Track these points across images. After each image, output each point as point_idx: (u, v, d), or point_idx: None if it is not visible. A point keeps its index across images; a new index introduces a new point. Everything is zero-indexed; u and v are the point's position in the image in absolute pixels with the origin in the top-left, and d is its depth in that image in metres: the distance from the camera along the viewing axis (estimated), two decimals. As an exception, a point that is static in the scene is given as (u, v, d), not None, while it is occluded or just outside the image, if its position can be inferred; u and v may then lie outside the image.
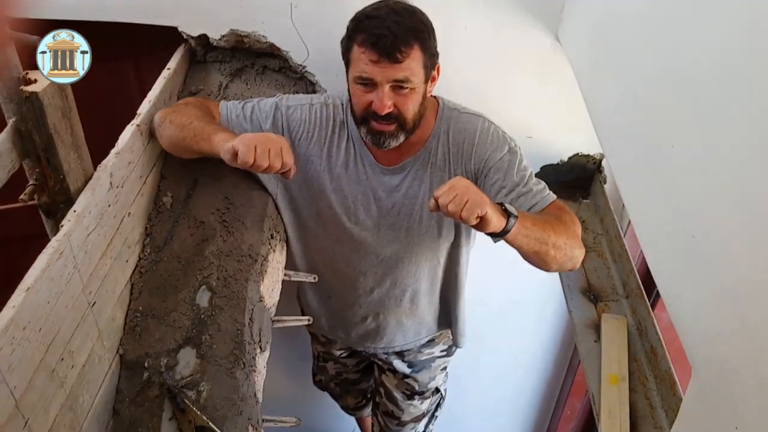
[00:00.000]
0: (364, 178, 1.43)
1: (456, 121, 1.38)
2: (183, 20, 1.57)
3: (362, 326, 1.68)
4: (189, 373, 1.19)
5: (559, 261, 1.27)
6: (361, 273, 1.56)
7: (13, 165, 1.04)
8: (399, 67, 1.22)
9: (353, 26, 1.26)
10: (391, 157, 1.40)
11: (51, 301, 0.96)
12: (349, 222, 1.47)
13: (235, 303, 1.27)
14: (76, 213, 1.04)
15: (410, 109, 1.27)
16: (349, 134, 1.41)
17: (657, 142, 0.97)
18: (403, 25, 1.21)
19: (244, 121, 1.38)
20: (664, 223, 0.95)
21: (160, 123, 1.33)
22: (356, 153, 1.41)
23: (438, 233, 1.48)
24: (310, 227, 1.53)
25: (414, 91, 1.26)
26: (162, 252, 1.31)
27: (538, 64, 1.66)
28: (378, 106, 1.24)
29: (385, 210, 1.46)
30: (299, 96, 1.45)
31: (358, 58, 1.24)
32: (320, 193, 1.45)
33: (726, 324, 0.75)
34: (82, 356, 1.07)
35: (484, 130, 1.37)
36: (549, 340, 2.48)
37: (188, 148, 1.30)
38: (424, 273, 1.56)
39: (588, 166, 1.84)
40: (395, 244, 1.50)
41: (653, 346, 1.36)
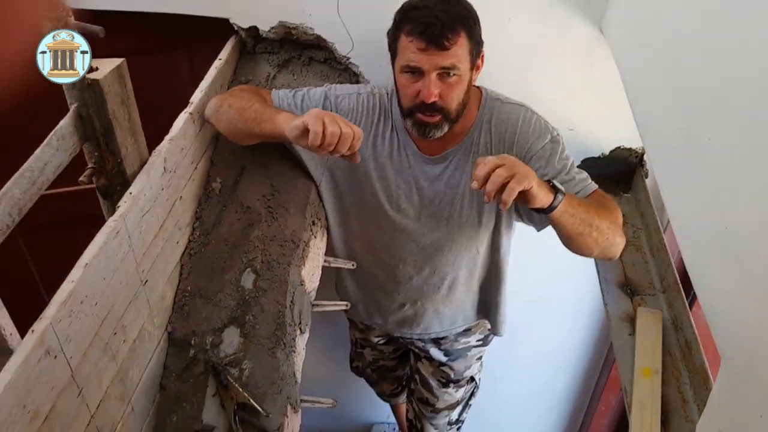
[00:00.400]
0: (407, 167, 1.45)
1: (499, 111, 1.40)
2: (234, 12, 1.62)
3: (400, 313, 1.71)
4: (233, 351, 1.24)
5: (600, 245, 1.27)
6: (401, 260, 1.59)
7: (74, 148, 1.10)
8: (446, 54, 1.24)
9: (400, 17, 1.28)
10: (434, 146, 1.43)
11: (107, 277, 1.01)
12: (391, 210, 1.50)
13: (278, 286, 1.31)
14: (132, 195, 1.10)
15: (455, 99, 1.29)
16: (393, 124, 1.44)
17: (695, 134, 0.97)
18: (450, 13, 1.23)
19: (295, 109, 1.42)
20: (699, 214, 0.95)
21: (217, 108, 1.36)
22: (400, 142, 1.44)
23: (478, 222, 1.50)
24: (352, 214, 1.56)
25: (460, 79, 1.28)
26: (210, 235, 1.36)
27: (581, 56, 1.65)
28: (425, 94, 1.26)
29: (427, 199, 1.48)
30: (346, 86, 1.49)
31: (405, 47, 1.27)
32: (365, 180, 1.48)
33: (755, 313, 0.76)
34: (134, 332, 1.12)
35: (526, 120, 1.38)
36: (585, 336, 2.47)
37: (249, 131, 1.33)
38: (463, 261, 1.58)
39: (630, 159, 1.83)
40: (436, 232, 1.52)
41: (688, 340, 1.36)
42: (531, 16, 1.57)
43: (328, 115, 1.17)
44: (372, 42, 1.64)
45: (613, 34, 1.48)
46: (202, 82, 1.45)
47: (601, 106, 1.72)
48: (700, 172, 0.95)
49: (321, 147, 1.16)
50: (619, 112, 1.49)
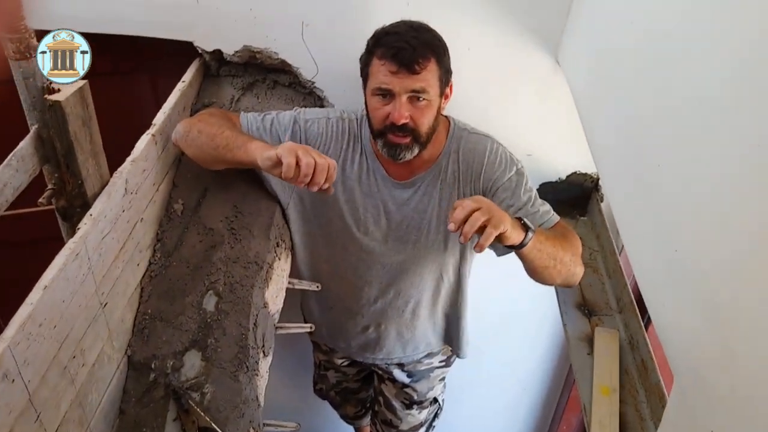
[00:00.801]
0: (375, 191, 1.48)
1: (466, 140, 1.45)
2: (198, 35, 1.62)
3: (363, 336, 1.72)
4: (194, 375, 1.23)
5: (563, 276, 1.36)
6: (366, 282, 1.60)
7: (34, 169, 1.09)
8: (416, 78, 1.28)
9: (373, 42, 1.33)
10: (403, 172, 1.45)
11: (66, 300, 1.00)
12: (358, 232, 1.52)
13: (241, 308, 1.31)
14: (92, 217, 1.09)
15: (425, 122, 1.33)
16: (363, 148, 1.46)
17: (645, 161, 1.01)
18: (420, 39, 1.28)
19: (264, 133, 1.43)
20: (650, 237, 0.99)
21: (186, 133, 1.37)
22: (369, 167, 1.47)
23: (444, 247, 1.53)
24: (319, 236, 1.57)
25: (429, 104, 1.32)
26: (171, 257, 1.35)
27: (538, 84, 1.71)
28: (395, 117, 1.30)
29: (395, 223, 1.50)
30: (316, 110, 1.51)
31: (377, 70, 1.30)
32: (333, 203, 1.49)
33: (704, 333, 0.79)
34: (93, 355, 1.11)
35: (492, 151, 1.43)
36: (546, 355, 2.51)
37: (220, 157, 1.34)
38: (427, 284, 1.61)
39: (586, 184, 1.89)
40: (401, 255, 1.54)
41: (644, 359, 1.40)
42: (489, 47, 1.62)
43: (301, 147, 1.19)
44: (336, 67, 1.67)
45: (568, 65, 1.55)
46: (165, 104, 1.45)
47: (557, 132, 1.78)
48: (650, 197, 1.00)
49: (295, 179, 1.18)
50: (575, 139, 1.55)
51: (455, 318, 1.72)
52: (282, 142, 1.41)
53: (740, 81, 0.77)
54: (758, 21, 0.74)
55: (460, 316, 1.72)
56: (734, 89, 0.78)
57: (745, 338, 0.72)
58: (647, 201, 1.01)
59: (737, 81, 0.78)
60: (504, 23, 1.60)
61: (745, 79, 0.76)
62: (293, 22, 1.60)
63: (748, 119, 0.75)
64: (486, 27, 1.60)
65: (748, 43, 0.76)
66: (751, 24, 0.76)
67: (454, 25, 1.36)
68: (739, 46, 0.78)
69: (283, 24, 1.61)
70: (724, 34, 0.83)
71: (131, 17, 1.58)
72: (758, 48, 0.74)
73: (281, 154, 1.18)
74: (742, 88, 0.77)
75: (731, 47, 0.80)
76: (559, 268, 1.33)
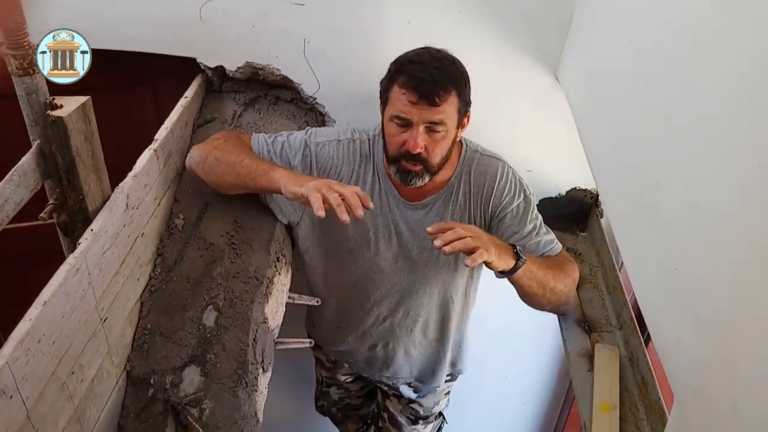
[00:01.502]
0: (387, 212, 1.48)
1: (478, 162, 1.46)
2: (201, 52, 1.64)
3: (370, 354, 1.72)
4: (193, 390, 1.22)
5: (553, 304, 1.45)
6: (376, 302, 1.60)
7: (35, 184, 1.09)
8: (436, 110, 1.28)
9: (395, 68, 1.32)
10: (415, 193, 1.46)
11: (65, 315, 1.00)
12: (369, 252, 1.52)
13: (240, 323, 1.31)
14: (93, 232, 1.09)
15: (438, 153, 1.34)
16: (375, 169, 1.46)
17: (644, 179, 1.02)
18: (443, 72, 1.28)
19: (275, 157, 1.43)
20: (650, 256, 1.00)
21: (202, 160, 1.40)
22: (381, 187, 1.47)
23: (455, 267, 1.54)
24: (329, 256, 1.57)
25: (446, 134, 1.32)
26: (172, 272, 1.35)
27: (538, 100, 1.72)
28: (411, 145, 1.30)
29: (406, 243, 1.51)
30: (326, 131, 1.49)
31: (397, 98, 1.30)
32: (344, 224, 1.49)
33: (703, 353, 0.79)
34: (92, 370, 1.10)
35: (503, 176, 1.45)
36: (546, 371, 2.50)
37: (242, 185, 1.37)
38: (436, 304, 1.61)
39: (585, 200, 1.89)
40: (412, 275, 1.55)
41: (644, 376, 1.39)
42: (490, 63, 1.64)
43: (324, 185, 1.20)
44: (338, 83, 1.68)
45: (568, 82, 1.56)
46: (168, 120, 1.46)
47: (557, 148, 1.79)
48: (650, 215, 1.00)
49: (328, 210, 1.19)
50: (575, 154, 1.55)
51: (459, 337, 1.73)
52: (292, 165, 1.42)
53: (739, 99, 0.78)
54: (757, 39, 0.75)
55: (463, 335, 1.73)
56: (733, 107, 0.79)
57: (746, 358, 0.71)
58: (647, 219, 1.02)
59: (736, 99, 0.79)
60: (504, 41, 1.61)
61: (743, 97, 0.77)
62: (295, 39, 1.62)
63: (747, 138, 0.75)
64: (486, 44, 1.62)
65: (747, 61, 0.77)
66: (749, 42, 0.77)
67: (454, 42, 1.37)
68: (738, 64, 0.79)
69: (285, 41, 1.62)
70: (722, 53, 0.83)
71: (135, 33, 1.59)
72: (756, 66, 0.74)
73: (306, 194, 1.21)
74: (741, 106, 0.77)
75: (730, 65, 0.81)
76: (549, 296, 1.41)
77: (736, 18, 0.80)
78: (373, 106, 1.41)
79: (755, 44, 0.75)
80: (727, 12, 0.83)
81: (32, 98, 1.04)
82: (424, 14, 1.59)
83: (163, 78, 1.83)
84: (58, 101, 1.07)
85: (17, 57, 0.99)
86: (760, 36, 0.74)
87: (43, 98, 1.06)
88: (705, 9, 0.89)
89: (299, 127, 1.71)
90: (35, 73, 1.02)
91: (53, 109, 1.06)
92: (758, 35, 0.75)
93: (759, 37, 0.74)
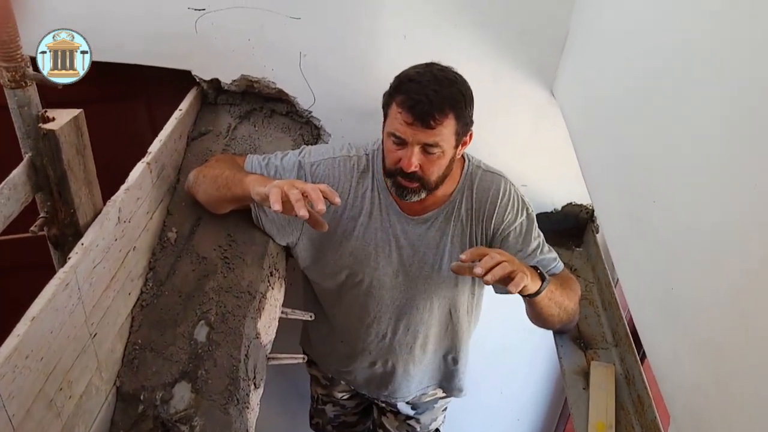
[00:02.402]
0: (387, 226, 1.47)
1: (480, 179, 1.45)
2: (197, 64, 1.64)
3: (369, 371, 1.70)
4: (183, 407, 1.21)
5: (563, 322, 1.47)
6: (375, 318, 1.58)
7: (26, 197, 1.08)
8: (431, 132, 1.27)
9: (395, 85, 1.31)
10: (417, 207, 1.45)
11: (54, 330, 0.98)
12: (368, 268, 1.51)
13: (232, 339, 1.29)
14: (84, 246, 1.08)
15: (435, 172, 1.33)
16: (376, 183, 1.45)
17: (640, 198, 1.01)
18: (441, 94, 1.26)
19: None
20: (645, 275, 0.99)
21: (195, 180, 1.42)
22: (381, 201, 1.46)
23: (455, 282, 1.52)
24: (329, 272, 1.55)
25: (442, 155, 1.31)
26: (163, 286, 1.34)
27: (534, 115, 1.72)
28: (405, 164, 1.30)
29: (407, 258, 1.49)
30: (320, 149, 1.48)
31: (394, 117, 1.29)
32: (343, 240, 1.48)
33: (700, 375, 0.78)
34: (80, 386, 1.09)
35: (505, 193, 1.44)
36: (541, 388, 2.48)
37: (221, 197, 1.37)
38: (437, 320, 1.59)
39: (581, 215, 1.89)
40: (412, 290, 1.53)
41: (640, 395, 1.38)
42: (486, 78, 1.64)
43: (286, 183, 1.17)
44: (333, 96, 1.68)
45: (563, 99, 1.56)
46: (162, 132, 1.45)
47: (553, 163, 1.78)
48: (646, 234, 1.00)
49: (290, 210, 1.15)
50: (571, 169, 1.55)
51: (459, 353, 1.71)
52: None
53: (735, 117, 0.78)
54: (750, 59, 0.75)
55: (463, 352, 1.71)
56: (729, 126, 0.79)
57: (742, 380, 0.71)
58: (642, 238, 1.01)
59: (732, 117, 0.78)
60: (500, 56, 1.62)
61: (739, 116, 0.77)
62: (291, 53, 1.62)
63: (743, 158, 0.75)
64: (482, 59, 1.62)
65: (742, 79, 0.77)
66: (744, 60, 0.77)
67: (449, 57, 1.36)
68: (733, 82, 0.79)
69: (281, 54, 1.62)
70: (717, 70, 0.83)
71: (131, 46, 1.59)
72: (752, 84, 0.74)
73: (268, 192, 1.18)
74: (737, 125, 0.77)
75: (725, 83, 0.81)
76: (562, 316, 1.42)
77: (731, 36, 0.80)
78: (369, 120, 1.40)
79: (750, 62, 0.75)
80: (722, 30, 0.83)
81: (24, 111, 1.03)
82: (421, 28, 1.59)
83: (158, 90, 1.83)
84: (51, 114, 1.06)
85: (9, 69, 0.98)
86: (754, 54, 0.74)
87: (35, 111, 1.05)
88: (701, 27, 0.89)
89: (294, 140, 1.71)
90: (27, 86, 1.01)
91: (45, 122, 1.06)
92: (752, 53, 0.75)
93: (753, 54, 0.74)
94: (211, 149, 1.61)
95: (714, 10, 0.85)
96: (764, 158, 0.70)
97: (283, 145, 1.68)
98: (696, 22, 0.90)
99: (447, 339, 1.66)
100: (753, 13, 0.75)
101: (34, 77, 1.01)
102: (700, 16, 0.89)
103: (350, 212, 1.46)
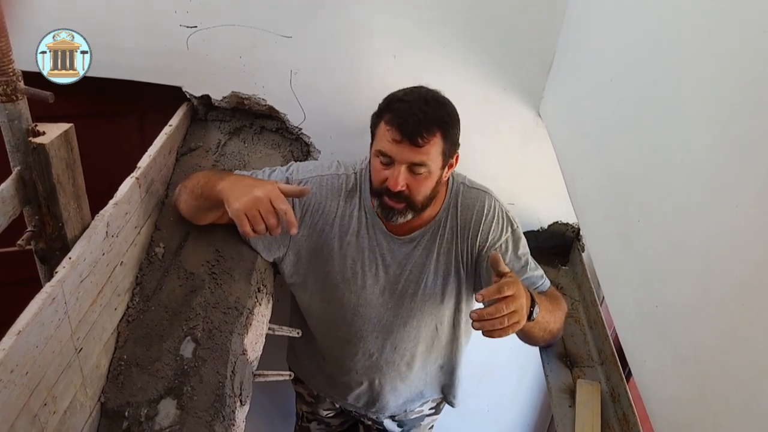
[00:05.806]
0: (374, 245, 1.47)
1: (464, 195, 1.46)
2: (187, 81, 1.64)
3: (357, 390, 1.69)
4: (168, 424, 1.19)
5: (546, 341, 1.47)
6: (361, 337, 1.58)
7: (14, 211, 1.07)
8: (418, 151, 1.28)
9: (384, 104, 1.33)
10: (403, 228, 1.45)
11: (40, 345, 0.97)
12: (355, 286, 1.51)
13: (219, 355, 1.28)
14: (71, 260, 1.07)
15: (422, 192, 1.33)
16: (362, 203, 1.46)
17: (626, 217, 1.03)
18: (429, 114, 1.27)
19: None
20: (631, 293, 1.00)
21: (177, 193, 1.43)
22: (368, 221, 1.46)
23: (441, 300, 1.53)
24: (315, 290, 1.55)
25: (429, 175, 1.32)
26: (150, 301, 1.33)
27: (521, 134, 1.74)
28: (391, 183, 1.30)
29: (393, 277, 1.50)
30: (309, 167, 1.49)
31: (382, 135, 1.30)
32: (329, 258, 1.48)
33: (684, 391, 0.79)
34: (65, 402, 1.07)
35: (490, 209, 1.45)
36: (528, 406, 2.48)
37: (201, 205, 1.37)
38: (423, 337, 1.59)
39: (567, 234, 1.91)
40: (399, 309, 1.53)
41: (625, 413, 1.39)
42: (473, 98, 1.66)
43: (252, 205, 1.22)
44: (323, 114, 1.70)
45: (550, 119, 1.58)
46: (151, 147, 1.45)
47: (540, 182, 1.80)
48: (631, 253, 1.01)
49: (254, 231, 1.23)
50: (557, 188, 1.57)
51: (450, 368, 1.71)
52: None
53: (721, 137, 0.79)
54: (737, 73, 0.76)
55: (455, 366, 1.70)
56: (715, 146, 0.80)
57: (728, 398, 0.72)
58: (628, 257, 1.02)
59: (718, 137, 0.80)
60: (488, 76, 1.64)
61: (725, 135, 0.78)
62: (282, 70, 1.63)
63: (729, 177, 0.76)
64: (471, 79, 1.64)
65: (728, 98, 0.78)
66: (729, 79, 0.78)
67: (438, 76, 1.39)
68: (718, 102, 0.81)
69: (272, 71, 1.63)
70: (703, 91, 0.85)
71: (122, 62, 1.59)
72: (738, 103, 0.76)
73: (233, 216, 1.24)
74: (723, 144, 0.78)
75: (710, 103, 0.83)
76: (546, 337, 1.43)
77: (717, 56, 0.82)
78: (358, 138, 1.42)
79: (736, 80, 0.77)
80: (708, 51, 0.85)
81: (14, 124, 1.03)
82: (410, 48, 1.61)
83: (148, 106, 1.83)
84: (41, 128, 1.06)
85: (1, 83, 0.98)
86: (740, 70, 0.76)
87: (25, 125, 1.04)
88: (688, 48, 0.91)
89: (283, 156, 1.71)
90: (18, 100, 1.01)
91: (35, 135, 1.05)
92: (737, 70, 0.76)
93: (738, 71, 0.76)
94: (201, 165, 1.61)
95: (700, 32, 0.87)
96: (746, 179, 0.72)
97: (273, 161, 1.69)
98: (682, 43, 0.92)
99: (434, 354, 1.65)
100: (742, 37, 0.76)
101: (25, 91, 1.01)
102: (687, 38, 0.91)
103: (338, 231, 1.46)
